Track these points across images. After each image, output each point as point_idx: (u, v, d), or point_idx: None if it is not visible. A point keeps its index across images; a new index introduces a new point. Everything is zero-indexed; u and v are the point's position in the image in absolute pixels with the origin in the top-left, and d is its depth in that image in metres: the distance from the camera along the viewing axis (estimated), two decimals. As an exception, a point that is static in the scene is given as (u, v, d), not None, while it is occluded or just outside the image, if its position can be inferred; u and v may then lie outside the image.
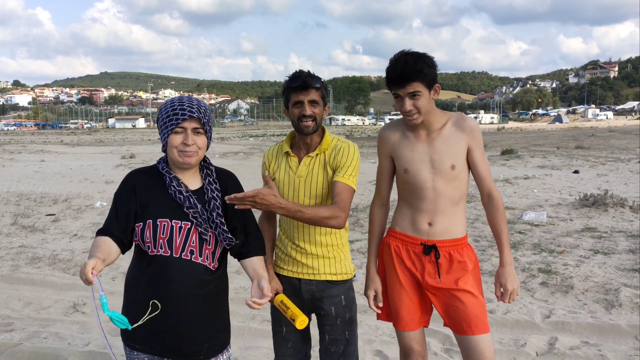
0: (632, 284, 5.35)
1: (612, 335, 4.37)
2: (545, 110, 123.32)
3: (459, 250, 2.59)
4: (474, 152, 2.58)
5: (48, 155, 26.46)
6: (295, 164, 2.64)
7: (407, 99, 2.45)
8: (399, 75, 2.42)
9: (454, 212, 2.59)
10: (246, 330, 4.64)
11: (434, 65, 2.48)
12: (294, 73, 2.56)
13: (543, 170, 16.34)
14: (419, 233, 2.60)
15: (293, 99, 2.53)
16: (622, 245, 6.91)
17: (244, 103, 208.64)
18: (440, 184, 2.54)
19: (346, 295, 2.68)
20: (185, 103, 2.21)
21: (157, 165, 2.35)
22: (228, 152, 26.65)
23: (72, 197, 11.95)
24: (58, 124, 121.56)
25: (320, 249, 2.64)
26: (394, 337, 4.49)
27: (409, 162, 2.59)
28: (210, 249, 2.27)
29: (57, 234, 8.52)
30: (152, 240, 2.21)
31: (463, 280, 2.56)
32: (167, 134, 2.21)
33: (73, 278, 6.21)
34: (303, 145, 2.65)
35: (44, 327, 4.81)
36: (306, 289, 2.66)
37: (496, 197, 2.61)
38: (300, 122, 2.53)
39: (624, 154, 21.77)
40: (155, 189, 2.27)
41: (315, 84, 2.51)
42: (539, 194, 11.52)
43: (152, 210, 2.23)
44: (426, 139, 2.58)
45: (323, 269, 2.65)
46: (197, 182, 2.33)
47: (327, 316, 2.66)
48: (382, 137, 2.72)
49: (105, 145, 37.60)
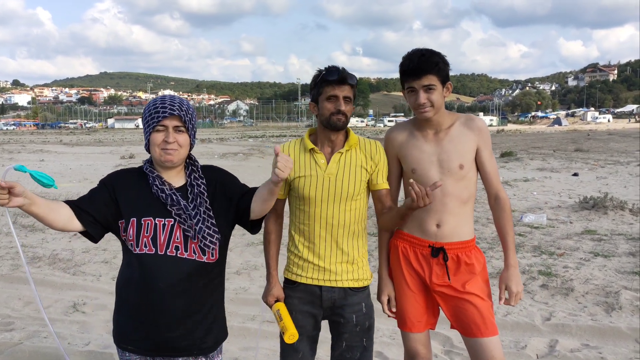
0: (632, 287, 5.35)
1: (613, 338, 4.37)
2: (544, 113, 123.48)
3: (467, 253, 2.59)
4: (482, 152, 2.58)
5: (47, 155, 26.46)
6: (323, 161, 2.54)
7: (422, 91, 2.46)
8: (416, 66, 2.44)
9: (461, 213, 2.58)
10: (258, 332, 4.65)
11: (447, 62, 2.50)
12: (330, 67, 2.49)
13: (542, 172, 16.36)
14: (427, 235, 2.59)
15: (328, 92, 2.46)
16: (622, 248, 6.91)
17: (243, 104, 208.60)
18: (449, 184, 2.53)
19: (366, 303, 2.61)
20: (166, 101, 2.22)
21: (142, 165, 2.35)
22: (227, 152, 26.65)
23: (71, 196, 11.86)
24: (57, 124, 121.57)
25: (343, 254, 2.56)
26: (394, 338, 4.49)
27: (417, 162, 2.58)
28: (196, 242, 2.23)
29: (57, 233, 8.50)
30: (135, 238, 2.21)
31: (471, 282, 2.56)
32: (149, 133, 2.22)
33: (73, 278, 6.21)
34: (328, 142, 2.56)
35: (44, 326, 4.81)
36: (328, 296, 2.55)
37: (503, 199, 2.60)
38: (332, 116, 2.46)
39: (623, 157, 21.80)
40: (138, 188, 2.27)
41: (352, 81, 2.47)
42: (539, 196, 11.53)
43: (136, 209, 2.23)
44: (434, 139, 2.58)
45: (345, 275, 2.55)
46: (181, 180, 2.33)
47: (348, 324, 2.57)
48: (389, 139, 2.70)
49: (104, 145, 37.59)
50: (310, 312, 2.58)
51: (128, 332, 2.27)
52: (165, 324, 2.23)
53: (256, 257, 6.87)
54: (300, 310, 2.57)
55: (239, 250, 7.23)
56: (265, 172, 18.18)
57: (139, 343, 2.26)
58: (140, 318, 2.23)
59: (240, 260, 6.76)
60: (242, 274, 6.24)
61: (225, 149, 29.65)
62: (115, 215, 2.24)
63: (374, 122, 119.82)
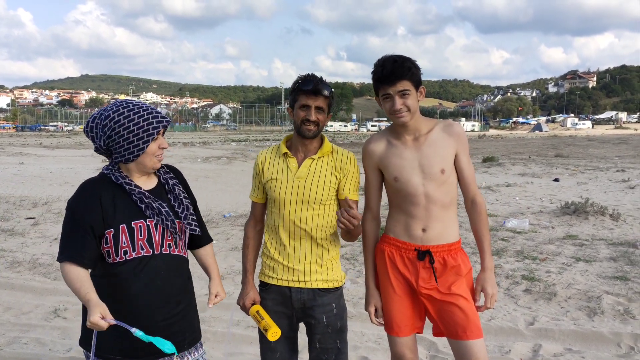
0: (613, 292, 5.41)
1: (595, 342, 4.41)
2: (525, 119, 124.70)
3: (452, 255, 2.61)
4: (461, 157, 2.62)
5: (27, 158, 26.11)
6: (295, 165, 2.63)
7: (398, 97, 2.49)
8: (390, 73, 2.46)
9: (445, 217, 2.60)
10: (228, 335, 4.62)
11: (419, 67, 2.55)
12: (306, 76, 2.57)
13: (524, 178, 16.52)
14: (413, 239, 2.61)
15: (301, 101, 2.54)
16: (603, 253, 6.99)
17: (226, 107, 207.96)
18: (431, 189, 2.56)
19: (337, 304, 2.66)
20: (152, 110, 2.24)
21: (107, 174, 2.29)
22: (210, 156, 26.52)
23: (52, 201, 11.79)
24: (37, 127, 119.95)
25: (312, 256, 2.63)
26: (379, 343, 4.49)
27: (399, 170, 2.60)
28: (182, 239, 2.36)
29: (37, 237, 8.39)
30: (130, 243, 2.20)
31: (457, 284, 2.57)
32: (147, 144, 2.20)
33: (54, 283, 6.11)
34: (301, 147, 2.64)
35: (24, 332, 4.73)
36: (297, 297, 2.62)
37: (479, 203, 2.65)
38: (302, 124, 2.54)
39: (603, 163, 22.11)
40: (117, 196, 2.24)
41: (326, 92, 2.53)
42: (521, 201, 11.63)
43: (122, 215, 2.21)
44: (413, 145, 2.60)
45: (315, 276, 2.62)
46: (153, 181, 2.37)
47: (318, 325, 2.63)
48: (368, 151, 2.72)
49: (85, 148, 37.16)
50: (284, 312, 2.65)
51: (115, 340, 2.21)
52: (167, 324, 2.26)
53: (240, 262, 6.81)
54: (275, 311, 2.64)
55: (223, 255, 7.18)
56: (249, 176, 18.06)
57: (128, 352, 2.23)
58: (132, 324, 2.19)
59: (225, 264, 6.72)
60: (227, 278, 6.20)
61: (208, 153, 29.51)
62: (101, 228, 2.20)
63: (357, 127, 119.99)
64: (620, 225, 8.84)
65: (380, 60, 2.54)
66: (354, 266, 6.63)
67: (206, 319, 4.90)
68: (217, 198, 12.62)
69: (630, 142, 38.77)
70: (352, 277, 6.17)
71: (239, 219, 9.85)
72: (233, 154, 28.80)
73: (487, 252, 2.64)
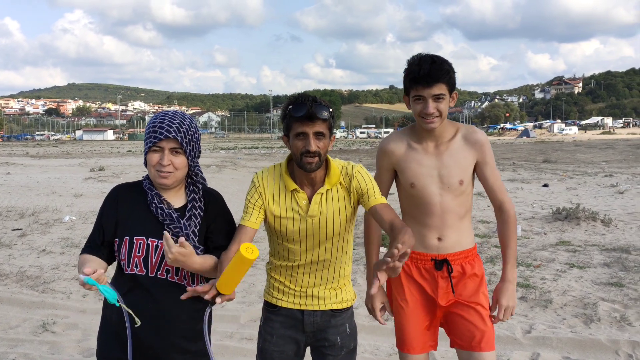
0: (609, 298, 5.39)
1: (593, 350, 4.37)
2: (512, 125, 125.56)
3: (470, 262, 2.52)
4: (484, 167, 2.51)
5: (13, 167, 25.80)
6: (305, 201, 2.33)
7: (431, 101, 2.35)
8: (427, 74, 2.31)
9: (461, 226, 2.52)
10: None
11: (454, 70, 2.41)
12: (298, 99, 2.21)
13: (513, 183, 16.56)
14: (429, 248, 2.51)
15: (296, 129, 2.20)
16: (597, 259, 6.98)
17: (214, 115, 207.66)
18: (448, 199, 2.47)
19: (350, 323, 2.51)
20: (165, 121, 2.13)
21: (143, 181, 2.28)
22: (200, 164, 26.34)
23: (39, 211, 11.62)
24: (24, 136, 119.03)
25: (327, 283, 2.46)
26: (375, 354, 4.42)
27: (416, 177, 2.49)
28: None
29: (25, 249, 8.24)
30: (127, 257, 2.15)
31: (475, 294, 2.50)
32: (146, 152, 2.16)
33: (42, 296, 5.99)
34: (307, 179, 2.33)
35: (12, 347, 4.61)
36: (310, 320, 2.43)
37: (506, 211, 2.53)
38: (302, 157, 2.21)
39: (590, 168, 22.25)
40: (137, 205, 2.21)
41: (323, 115, 2.17)
42: (512, 207, 11.62)
43: (130, 227, 2.17)
44: (434, 152, 2.49)
45: (329, 299, 2.45)
46: (181, 200, 2.26)
47: (333, 347, 2.45)
48: (386, 151, 2.58)
49: (72, 157, 36.88)
50: (292, 336, 2.45)
51: (110, 350, 2.20)
52: (151, 348, 2.17)
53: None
54: (282, 335, 2.44)
55: (215, 265, 7.09)
56: (239, 184, 18.06)
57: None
58: (123, 338, 2.13)
59: (216, 275, 6.62)
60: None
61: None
62: (112, 234, 2.20)
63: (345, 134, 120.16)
64: (612, 230, 8.85)
65: (416, 58, 2.37)
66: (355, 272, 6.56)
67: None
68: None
69: (617, 147, 39.13)
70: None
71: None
72: (222, 162, 28.65)
73: (509, 262, 2.53)
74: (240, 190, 15.94)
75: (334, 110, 2.27)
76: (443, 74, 2.32)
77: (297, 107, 2.18)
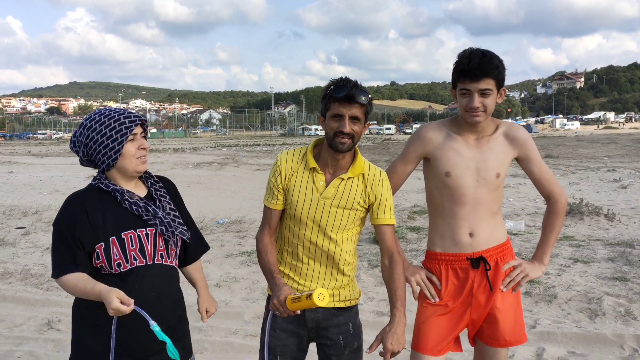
0: (613, 293, 5.38)
1: (598, 344, 4.37)
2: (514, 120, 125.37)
3: (505, 257, 2.49)
4: (529, 163, 2.51)
5: (16, 166, 25.84)
6: (322, 183, 2.35)
7: (477, 95, 2.31)
8: (476, 68, 2.27)
9: (493, 222, 2.48)
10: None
11: (504, 67, 2.37)
12: (339, 80, 2.27)
13: (516, 179, 16.51)
14: (462, 247, 2.45)
15: (333, 110, 2.25)
16: (601, 253, 6.97)
17: (216, 113, 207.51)
18: (482, 192, 2.43)
19: (354, 322, 2.49)
20: (124, 111, 2.22)
21: (95, 184, 2.23)
22: (202, 162, 26.38)
23: (42, 210, 11.63)
24: (25, 135, 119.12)
25: (331, 279, 2.44)
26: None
27: (452, 166, 2.43)
28: (174, 249, 2.30)
29: (28, 247, 8.25)
30: (122, 254, 2.14)
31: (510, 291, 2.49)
32: (122, 145, 2.16)
33: (46, 294, 6.00)
34: (332, 162, 2.35)
35: (17, 345, 4.62)
36: (311, 317, 2.42)
37: (554, 201, 2.54)
38: (335, 137, 2.25)
39: (593, 163, 22.21)
40: (106, 207, 2.18)
41: (362, 99, 2.22)
42: (515, 202, 11.63)
43: (112, 227, 2.15)
44: (475, 144, 2.45)
45: (331, 298, 2.40)
46: (143, 190, 2.31)
47: (335, 346, 2.44)
48: (423, 138, 2.50)
49: (74, 156, 36.76)
50: (294, 331, 2.44)
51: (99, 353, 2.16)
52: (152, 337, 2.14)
53: (236, 269, 6.74)
54: (284, 329, 2.43)
55: (218, 262, 7.09)
56: (241, 181, 18.05)
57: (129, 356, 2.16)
58: (123, 335, 2.12)
59: (220, 272, 6.62)
60: (223, 286, 6.11)
61: (199, 159, 29.36)
62: (91, 244, 2.14)
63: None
64: (616, 225, 8.84)
65: (467, 52, 2.34)
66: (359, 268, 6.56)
67: (204, 328, 4.81)
68: (209, 204, 12.52)
69: (619, 142, 39.04)
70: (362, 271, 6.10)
71: (232, 225, 9.76)
72: (224, 159, 28.66)
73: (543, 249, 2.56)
74: (242, 187, 15.95)
75: (373, 97, 2.32)
76: (492, 69, 2.28)
77: (338, 89, 2.23)
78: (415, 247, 7.64)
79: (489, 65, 2.28)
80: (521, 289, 5.41)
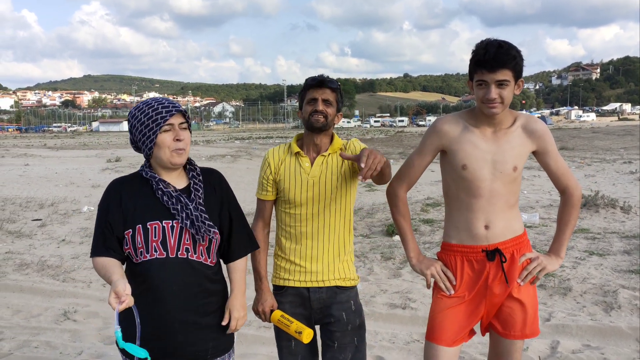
0: (629, 286, 5.33)
1: (614, 337, 4.34)
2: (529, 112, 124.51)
3: (522, 250, 2.47)
4: (546, 156, 2.48)
5: (32, 159, 26.12)
6: (307, 164, 2.60)
7: (494, 86, 2.28)
8: (492, 58, 2.24)
9: (508, 214, 2.46)
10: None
11: (522, 57, 2.33)
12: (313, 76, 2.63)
13: (530, 171, 16.39)
14: (477, 239, 2.44)
15: (308, 96, 2.56)
16: (617, 246, 6.91)
17: (229, 106, 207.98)
18: (498, 185, 2.41)
19: (355, 301, 2.65)
20: (164, 101, 2.20)
21: (140, 172, 2.27)
22: (215, 155, 26.49)
23: (58, 202, 11.76)
24: (41, 128, 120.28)
25: (330, 254, 2.60)
26: (393, 342, 4.43)
27: (469, 158, 2.41)
28: (204, 245, 2.23)
29: (45, 239, 8.35)
30: (144, 244, 2.15)
31: (526, 284, 2.47)
32: (156, 135, 2.16)
33: (63, 285, 6.07)
34: (312, 145, 2.62)
35: (34, 335, 4.68)
36: (316, 297, 2.60)
37: (569, 195, 2.53)
38: (310, 117, 2.53)
39: (609, 155, 21.99)
40: (141, 195, 2.22)
41: (331, 85, 2.55)
42: (529, 195, 11.55)
43: (141, 215, 2.18)
44: (492, 137, 2.43)
45: (332, 274, 2.60)
46: (183, 182, 2.30)
47: (338, 323, 2.58)
48: (440, 130, 2.49)
49: (89, 148, 37.21)
50: (302, 314, 2.61)
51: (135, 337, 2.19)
52: (179, 329, 2.19)
53: (248, 260, 6.75)
54: (293, 314, 2.58)
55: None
56: (254, 174, 18.09)
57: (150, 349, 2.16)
58: (146, 328, 2.10)
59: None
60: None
61: (212, 152, 29.47)
62: (124, 228, 2.18)
63: (359, 123, 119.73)
64: (632, 217, 8.74)
65: (484, 42, 2.31)
66: (364, 264, 6.57)
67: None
68: (223, 196, 12.55)
69: (635, 134, 38.57)
70: (363, 275, 6.11)
71: (247, 217, 9.79)
72: (237, 152, 28.76)
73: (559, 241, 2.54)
74: (255, 180, 15.90)
75: (343, 92, 2.68)
76: (509, 60, 2.25)
77: (312, 78, 2.59)
78: (428, 239, 7.63)
79: (506, 56, 2.25)
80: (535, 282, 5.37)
